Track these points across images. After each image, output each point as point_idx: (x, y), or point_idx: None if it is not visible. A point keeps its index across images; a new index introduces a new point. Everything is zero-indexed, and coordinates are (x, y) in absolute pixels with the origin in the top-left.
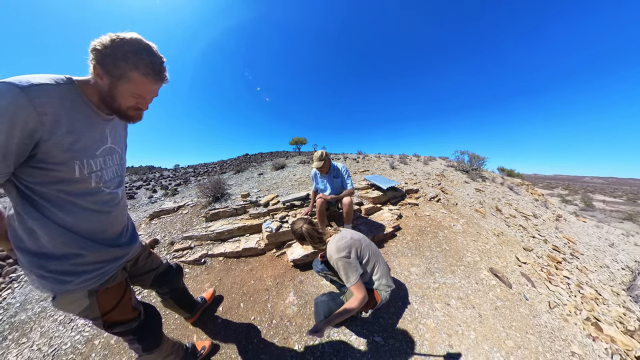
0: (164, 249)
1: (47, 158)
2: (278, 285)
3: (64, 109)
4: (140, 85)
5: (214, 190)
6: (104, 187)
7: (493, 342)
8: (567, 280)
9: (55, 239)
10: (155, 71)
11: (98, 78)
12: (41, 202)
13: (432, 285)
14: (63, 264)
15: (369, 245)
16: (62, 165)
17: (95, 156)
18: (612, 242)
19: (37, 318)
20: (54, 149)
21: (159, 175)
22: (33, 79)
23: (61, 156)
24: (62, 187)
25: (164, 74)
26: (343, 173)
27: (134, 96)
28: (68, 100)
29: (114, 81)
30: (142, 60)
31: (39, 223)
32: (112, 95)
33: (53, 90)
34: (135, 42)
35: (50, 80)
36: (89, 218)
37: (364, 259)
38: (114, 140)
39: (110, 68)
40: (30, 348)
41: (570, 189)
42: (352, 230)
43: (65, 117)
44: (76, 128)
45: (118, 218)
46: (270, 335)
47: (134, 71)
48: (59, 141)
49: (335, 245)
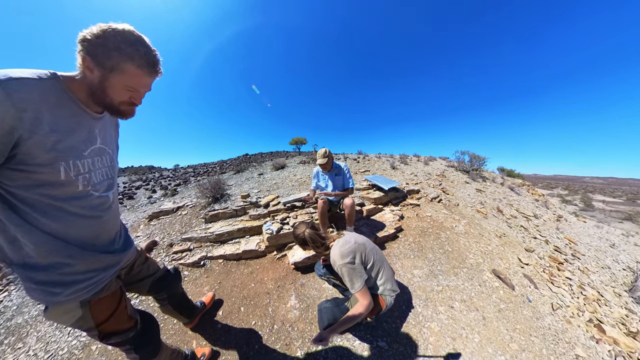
0: (163, 251)
1: (28, 159)
2: (279, 289)
3: (46, 105)
4: (134, 78)
5: (213, 190)
6: (93, 190)
7: (497, 345)
8: (569, 281)
9: (40, 247)
10: (149, 63)
11: (88, 71)
12: (23, 208)
13: (435, 288)
14: (51, 274)
15: (373, 249)
16: (45, 167)
17: (82, 157)
18: (613, 243)
19: (34, 322)
20: (36, 149)
21: (159, 175)
22: (12, 72)
23: (44, 157)
24: (46, 190)
25: (159, 66)
26: (345, 172)
27: (127, 89)
28: (51, 97)
29: (106, 73)
30: (136, 52)
31: (21, 230)
32: (104, 89)
33: (34, 85)
34: (129, 33)
35: (31, 74)
36: (77, 224)
37: (368, 263)
38: (104, 140)
39: (102, 59)
40: (26, 353)
41: (570, 189)
42: (355, 233)
43: (47, 114)
44: (60, 126)
45: (110, 223)
46: (272, 341)
47: (128, 63)
48: (41, 140)
49: (339, 251)
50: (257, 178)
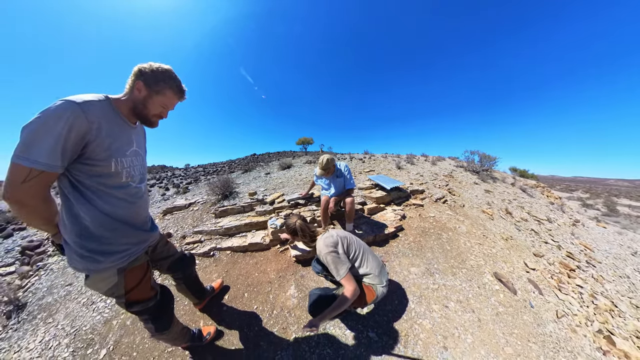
0: (177, 242)
1: (92, 155)
2: (280, 279)
3: (104, 118)
4: (169, 99)
5: (223, 188)
6: (131, 181)
7: (491, 347)
8: (580, 289)
9: (95, 221)
10: (181, 91)
11: (137, 91)
12: (85, 192)
13: (431, 286)
14: (100, 244)
15: (355, 241)
16: (102, 162)
17: (125, 155)
18: (636, 251)
19: (63, 300)
20: (98, 148)
21: (171, 174)
22: (85, 97)
23: (102, 154)
24: (102, 180)
25: (185, 94)
26: (345, 173)
27: (162, 106)
28: (107, 112)
29: (152, 94)
30: (174, 83)
31: (84, 207)
32: (145, 104)
33: (97, 104)
34: (170, 71)
35: (94, 97)
36: (121, 206)
37: (350, 253)
38: (138, 144)
39: (151, 84)
40: (55, 327)
41: (592, 192)
42: (341, 229)
43: (105, 124)
44: (113, 132)
45: (142, 208)
46: (270, 324)
47: (169, 89)
48: (101, 142)
49: (323, 242)
50: (264, 177)
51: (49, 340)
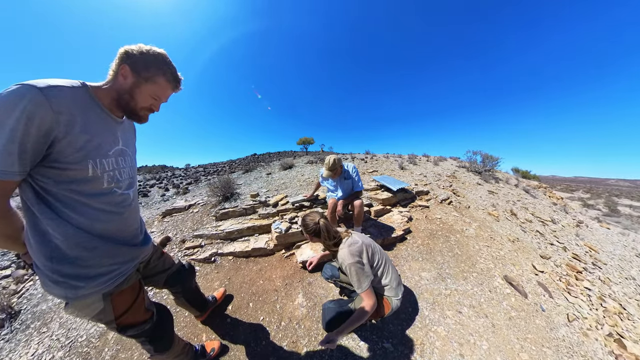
0: (176, 247)
1: (61, 157)
2: (287, 286)
3: (78, 109)
4: (162, 89)
5: (223, 189)
6: (116, 187)
7: (506, 354)
8: (588, 291)
9: (69, 240)
10: (176, 80)
11: (122, 77)
12: (55, 203)
13: (443, 292)
14: (76, 266)
15: (379, 250)
16: (75, 164)
17: (107, 156)
18: None
19: (57, 309)
20: (68, 148)
21: (171, 175)
22: (50, 81)
23: (75, 155)
24: (75, 187)
25: (180, 83)
26: (353, 175)
27: (152, 97)
28: (82, 102)
29: (141, 81)
30: (169, 69)
31: (54, 223)
32: (132, 94)
33: (68, 91)
34: (164, 55)
35: (65, 83)
36: (101, 219)
37: (374, 263)
38: (125, 142)
39: (140, 70)
40: (50, 337)
41: (593, 192)
42: (362, 234)
43: (79, 117)
44: (89, 128)
45: (130, 219)
46: (279, 337)
47: (161, 76)
48: (73, 140)
49: (347, 250)
50: (266, 178)
51: (42, 353)
